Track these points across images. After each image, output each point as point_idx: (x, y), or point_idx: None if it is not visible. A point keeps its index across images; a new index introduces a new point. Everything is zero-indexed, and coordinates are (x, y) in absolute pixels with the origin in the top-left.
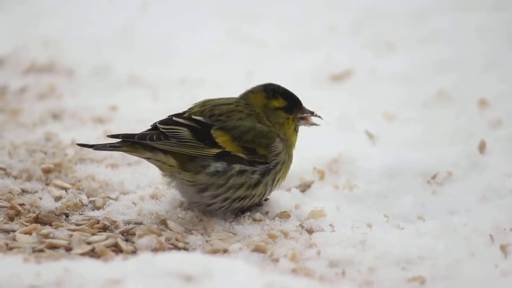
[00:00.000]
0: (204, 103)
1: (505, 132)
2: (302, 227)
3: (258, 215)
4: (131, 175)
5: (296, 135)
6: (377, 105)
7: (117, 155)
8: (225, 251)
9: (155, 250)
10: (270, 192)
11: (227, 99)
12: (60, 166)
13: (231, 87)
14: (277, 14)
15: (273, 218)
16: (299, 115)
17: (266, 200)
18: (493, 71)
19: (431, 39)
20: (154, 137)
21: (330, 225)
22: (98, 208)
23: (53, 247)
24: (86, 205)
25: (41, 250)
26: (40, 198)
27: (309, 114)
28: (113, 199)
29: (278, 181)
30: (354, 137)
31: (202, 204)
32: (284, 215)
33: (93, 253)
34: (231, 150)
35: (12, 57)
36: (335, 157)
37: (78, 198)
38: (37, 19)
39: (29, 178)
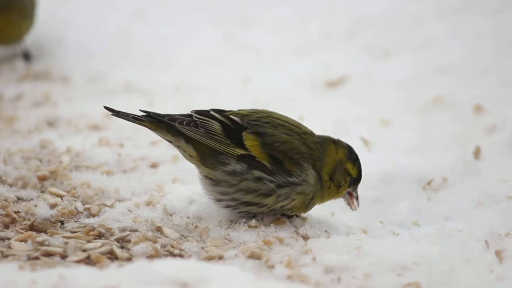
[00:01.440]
0: (257, 111)
1: (500, 138)
2: (298, 233)
3: (253, 222)
4: (126, 182)
5: (330, 199)
6: (372, 111)
7: (112, 162)
8: (220, 257)
9: (150, 257)
10: (282, 209)
11: (298, 123)
12: (55, 174)
13: (227, 93)
14: (273, 20)
15: (269, 225)
16: (350, 190)
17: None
18: (489, 77)
19: (427, 45)
20: (184, 123)
21: (326, 231)
22: (93, 216)
23: (49, 254)
24: (82, 213)
25: (37, 258)
26: (35, 206)
27: (354, 196)
28: (109, 206)
29: (292, 202)
30: (349, 143)
31: (213, 198)
32: (280, 222)
33: (88, 261)
34: (256, 155)
35: (7, 64)
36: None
37: (73, 206)
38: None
39: (24, 186)
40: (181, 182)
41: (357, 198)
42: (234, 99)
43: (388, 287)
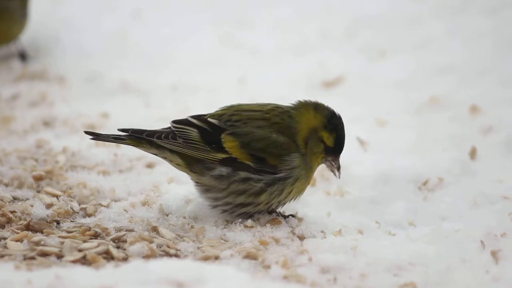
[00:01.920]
0: (229, 107)
1: (497, 138)
2: (294, 233)
3: (249, 222)
4: (122, 182)
5: (317, 166)
6: (369, 111)
7: (108, 162)
8: (216, 257)
9: (146, 257)
10: (281, 203)
11: (259, 105)
12: (51, 174)
13: (225, 93)
14: (270, 20)
15: (265, 225)
16: (329, 159)
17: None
18: (486, 77)
19: (424, 45)
20: (163, 136)
21: (322, 231)
22: (89, 215)
23: (44, 254)
24: (78, 212)
25: (32, 258)
26: (31, 206)
27: (335, 166)
28: (105, 206)
29: (290, 193)
30: (346, 143)
31: (208, 205)
32: (276, 222)
33: (84, 260)
34: (238, 157)
35: (3, 64)
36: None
37: (69, 206)
38: (29, 26)
39: (20, 186)
40: (177, 182)
41: (338, 169)
42: (232, 99)
43: (384, 287)
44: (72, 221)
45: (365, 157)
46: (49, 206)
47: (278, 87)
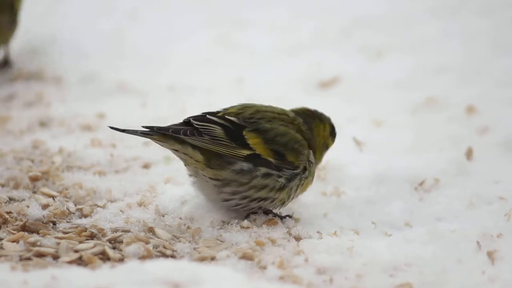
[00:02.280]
0: (244, 107)
1: (492, 139)
2: (290, 234)
3: (245, 223)
4: (118, 182)
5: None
6: (366, 111)
7: (104, 162)
8: (212, 258)
9: (142, 257)
10: (291, 198)
11: (284, 111)
12: (47, 174)
13: (221, 93)
14: (266, 20)
15: (261, 226)
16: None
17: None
18: (482, 77)
19: (421, 45)
20: (188, 132)
21: (318, 232)
22: (85, 216)
23: (41, 255)
24: (74, 213)
25: (29, 258)
26: (27, 206)
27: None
28: (101, 207)
29: (300, 187)
30: (342, 143)
31: (218, 200)
32: (272, 223)
33: (80, 261)
34: (261, 153)
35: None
36: (323, 164)
37: (65, 206)
38: (25, 26)
39: (16, 186)
40: (174, 183)
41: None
42: (228, 100)
43: (380, 287)
44: (68, 222)
45: (362, 157)
46: (45, 206)
47: (275, 87)
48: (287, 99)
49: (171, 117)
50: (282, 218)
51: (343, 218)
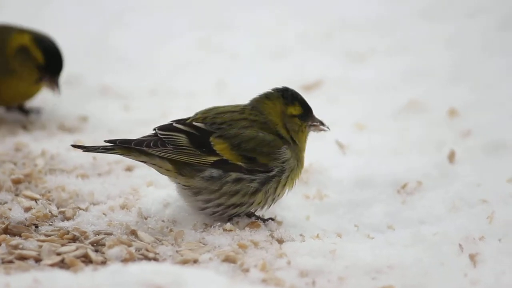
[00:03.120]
0: (208, 110)
1: (475, 142)
2: (272, 237)
3: (228, 225)
4: (101, 185)
5: (306, 141)
6: (347, 115)
7: (87, 165)
8: (195, 261)
9: (125, 260)
10: (274, 200)
11: (233, 106)
12: (30, 177)
13: (204, 97)
14: (249, 24)
15: (243, 228)
16: (309, 123)
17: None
18: (463, 81)
19: (402, 49)
20: (151, 144)
21: (300, 235)
22: (68, 219)
23: (23, 258)
24: (56, 216)
25: (11, 261)
26: (10, 209)
27: (318, 124)
28: (83, 210)
29: (284, 187)
30: (324, 147)
31: (196, 208)
32: (254, 225)
33: (62, 264)
34: (229, 159)
35: None
36: (306, 167)
37: (48, 209)
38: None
39: None
40: (156, 186)
41: (322, 124)
42: (210, 103)
43: None
44: (51, 225)
45: (344, 161)
46: (27, 209)
47: (258, 90)
48: None
49: (154, 120)
50: (264, 221)
51: (325, 221)
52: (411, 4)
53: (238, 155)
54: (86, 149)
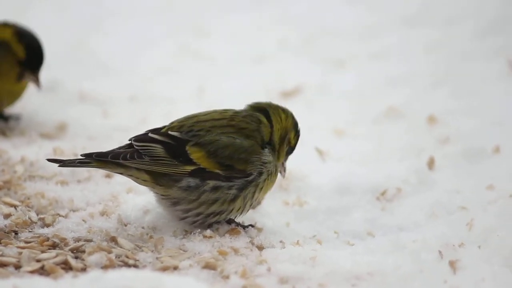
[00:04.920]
0: (187, 118)
1: (454, 148)
2: (253, 243)
3: (208, 232)
4: (80, 192)
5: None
6: (327, 121)
7: (66, 172)
8: (175, 268)
9: (105, 267)
10: (251, 205)
11: (220, 113)
12: (9, 183)
13: (182, 103)
14: (228, 30)
15: (224, 235)
16: (282, 161)
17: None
18: (442, 88)
19: (381, 56)
20: (128, 156)
21: (280, 241)
22: (47, 226)
23: (2, 264)
24: (36, 223)
25: None
26: None
27: (284, 167)
28: (63, 216)
29: (261, 190)
30: (304, 153)
31: (176, 217)
32: (235, 232)
33: (42, 271)
34: (206, 167)
35: None
36: (286, 174)
37: (27, 216)
38: None
39: None
40: (136, 192)
41: (285, 170)
42: (190, 109)
43: None
44: (30, 231)
45: (324, 167)
46: (7, 216)
47: (237, 97)
48: None
49: (133, 127)
50: (244, 227)
51: (305, 228)
52: (391, 10)
53: (215, 162)
54: (63, 163)
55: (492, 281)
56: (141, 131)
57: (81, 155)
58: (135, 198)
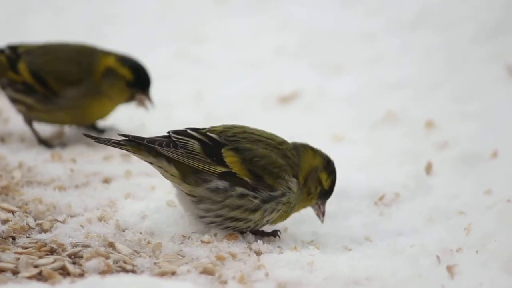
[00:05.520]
0: (232, 127)
1: (452, 153)
2: (251, 248)
3: (206, 237)
4: (78, 197)
5: (302, 209)
6: (325, 126)
7: (64, 177)
8: (173, 273)
9: (103, 272)
10: (267, 222)
11: (272, 135)
12: (7, 189)
13: (180, 108)
14: (226, 36)
15: (221, 240)
16: (319, 202)
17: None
18: (440, 92)
19: (379, 60)
20: (164, 144)
21: (278, 246)
22: (45, 231)
23: (0, 270)
24: (33, 228)
25: None
26: None
27: (322, 211)
28: (61, 222)
29: (278, 212)
30: None
31: (195, 215)
32: (232, 237)
33: (40, 276)
34: (237, 172)
35: None
36: None
37: (25, 221)
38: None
39: None
40: (134, 198)
41: (323, 214)
42: (187, 115)
43: None
44: (28, 237)
45: None
46: (4, 222)
47: (235, 102)
48: (245, 114)
49: (131, 131)
50: (242, 232)
51: (303, 233)
52: (389, 15)
53: (247, 170)
54: (97, 140)
55: (489, 286)
56: (140, 135)
57: (118, 134)
58: (133, 203)
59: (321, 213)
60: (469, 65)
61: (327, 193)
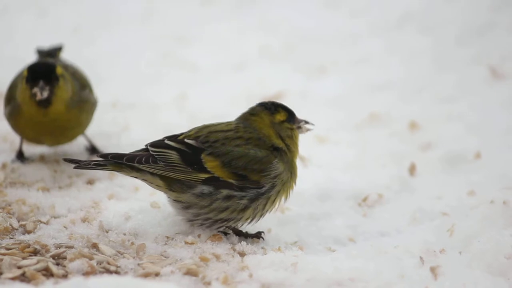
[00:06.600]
0: (202, 128)
1: (435, 154)
2: (234, 250)
3: (190, 238)
4: (62, 198)
5: (298, 145)
6: None
7: (48, 178)
8: (157, 274)
9: (86, 274)
10: (262, 216)
11: (227, 124)
12: None
13: (164, 110)
14: (209, 37)
15: (205, 241)
16: (297, 124)
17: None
18: (424, 94)
19: (363, 62)
20: (143, 160)
21: (262, 247)
22: (28, 232)
23: None
24: (17, 229)
25: None
26: None
27: (303, 122)
28: (44, 223)
29: (273, 202)
30: None
31: (186, 219)
32: (216, 238)
33: (23, 278)
34: (220, 176)
35: None
36: None
37: (8, 222)
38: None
39: None
40: (117, 199)
41: (306, 122)
42: (171, 116)
43: None
44: (11, 238)
45: (305, 173)
46: None
47: (219, 103)
48: (229, 115)
49: (116, 133)
50: (226, 233)
51: (287, 234)
52: (373, 17)
53: (230, 172)
54: (78, 165)
55: (473, 287)
56: (124, 138)
57: (98, 155)
58: (116, 204)
59: (305, 125)
60: (454, 66)
61: (291, 116)
